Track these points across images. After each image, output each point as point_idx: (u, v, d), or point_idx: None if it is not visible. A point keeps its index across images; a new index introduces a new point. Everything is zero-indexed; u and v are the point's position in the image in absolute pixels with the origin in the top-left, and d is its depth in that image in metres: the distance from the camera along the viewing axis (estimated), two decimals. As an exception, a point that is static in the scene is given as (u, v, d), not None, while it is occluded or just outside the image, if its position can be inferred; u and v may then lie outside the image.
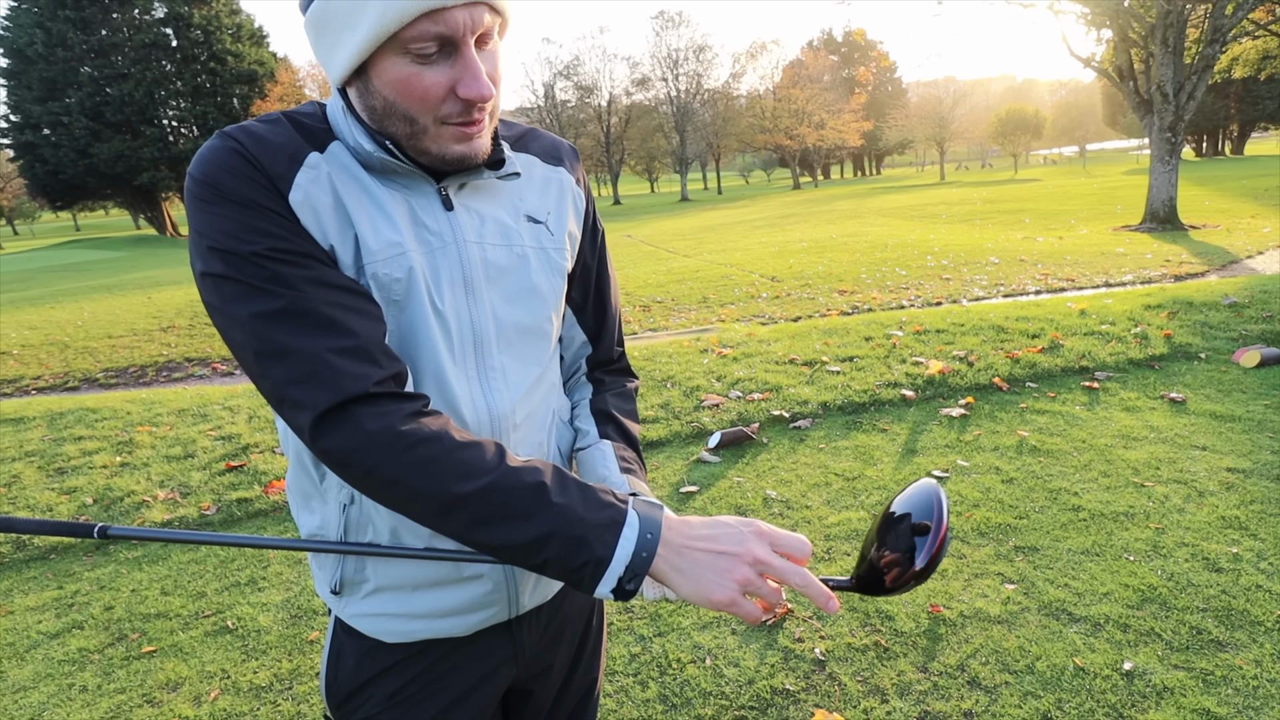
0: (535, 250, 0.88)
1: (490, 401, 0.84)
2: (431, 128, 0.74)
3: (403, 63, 0.71)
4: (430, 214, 0.81)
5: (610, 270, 1.04)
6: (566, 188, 0.95)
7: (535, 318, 0.88)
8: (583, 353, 1.04)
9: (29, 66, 37.79)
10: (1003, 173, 52.48)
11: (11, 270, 23.00)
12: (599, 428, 0.98)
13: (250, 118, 5.59)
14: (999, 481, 3.14)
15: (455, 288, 0.81)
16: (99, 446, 4.31)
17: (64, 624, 2.69)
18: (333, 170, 0.77)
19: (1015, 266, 9.03)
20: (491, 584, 0.88)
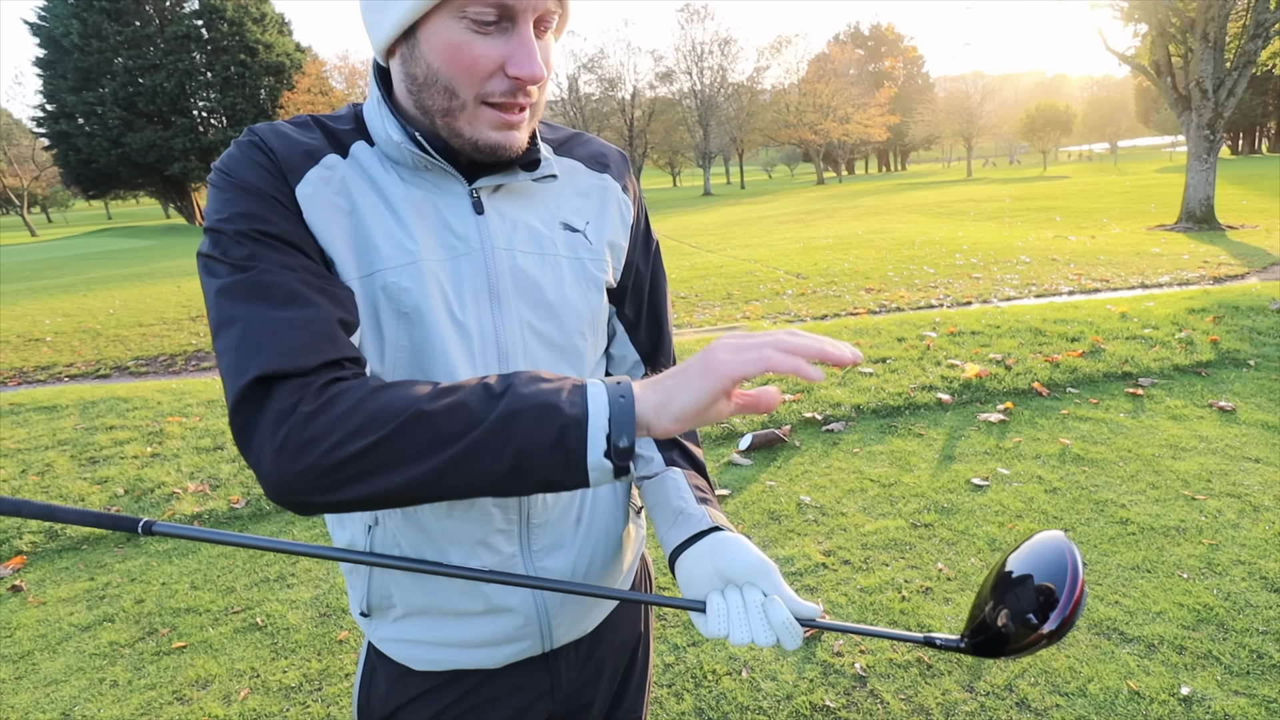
0: (570, 260, 0.82)
1: None
2: (470, 105, 0.69)
3: (457, 27, 0.66)
4: (458, 217, 0.76)
5: (664, 285, 0.97)
6: (611, 195, 0.88)
7: (566, 332, 0.81)
8: (636, 372, 0.96)
9: (64, 56, 38.40)
10: (1031, 169, 51.66)
11: (45, 258, 23.42)
12: (664, 454, 0.92)
13: (278, 108, 5.59)
14: (1042, 491, 3.04)
15: (479, 297, 0.76)
16: (130, 436, 4.34)
17: (95, 616, 2.69)
18: (350, 174, 0.74)
19: (1047, 266, 8.84)
20: (522, 618, 0.83)
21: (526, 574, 0.81)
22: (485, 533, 0.80)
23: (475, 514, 0.79)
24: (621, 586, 0.95)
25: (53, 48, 38.78)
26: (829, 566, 2.65)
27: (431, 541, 0.79)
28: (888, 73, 59.86)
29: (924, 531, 2.83)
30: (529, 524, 0.82)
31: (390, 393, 0.62)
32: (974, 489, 3.11)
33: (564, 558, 0.84)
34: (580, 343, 0.83)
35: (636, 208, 0.92)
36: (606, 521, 0.89)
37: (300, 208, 0.70)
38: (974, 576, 2.51)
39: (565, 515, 0.84)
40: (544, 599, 0.84)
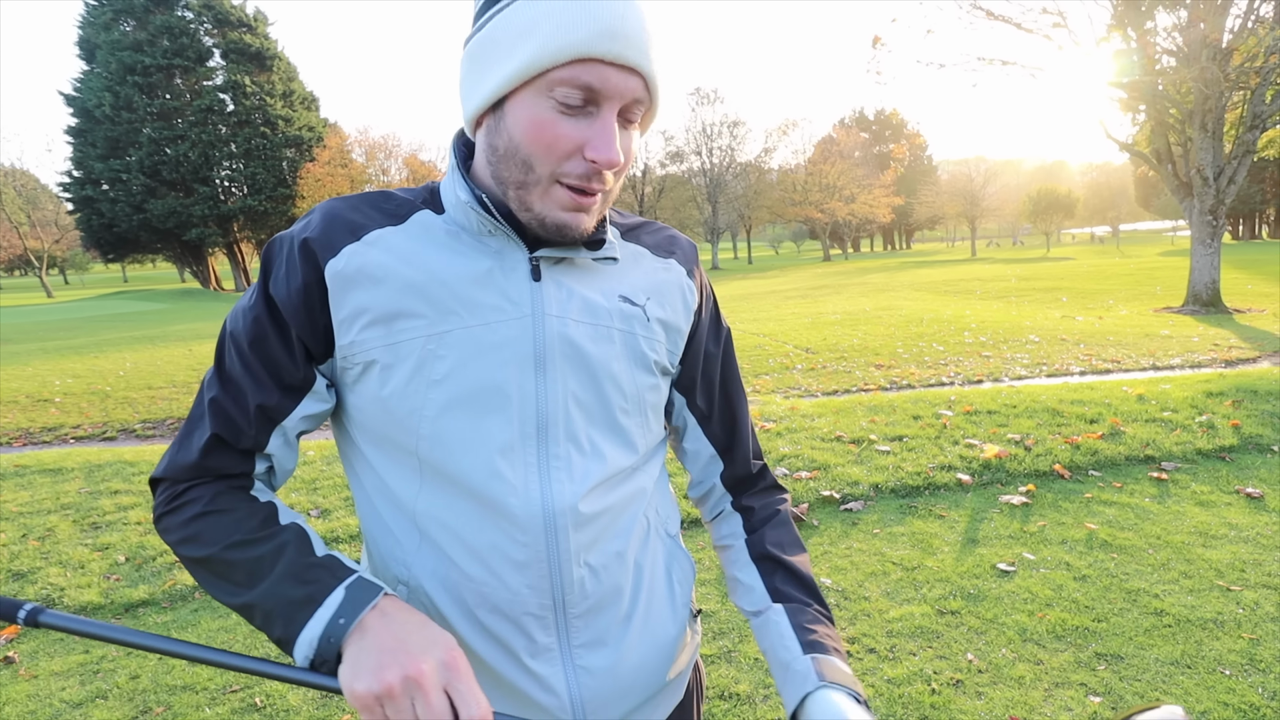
0: (623, 333, 0.80)
1: (547, 492, 0.75)
2: (545, 181, 0.70)
3: (542, 104, 0.68)
4: (514, 283, 0.76)
5: (737, 376, 0.95)
6: (675, 280, 0.87)
7: (607, 407, 0.79)
8: (713, 468, 0.95)
9: (95, 126, 39.89)
10: (1035, 250, 52.43)
11: (60, 319, 23.73)
12: (765, 581, 0.87)
13: (298, 179, 5.82)
14: (1071, 579, 2.94)
15: (524, 363, 0.75)
16: (134, 501, 4.27)
17: (88, 693, 2.58)
18: (401, 240, 0.75)
19: (1057, 345, 8.84)
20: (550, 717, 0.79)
21: (565, 669, 0.77)
22: (518, 615, 0.76)
23: (504, 595, 0.75)
24: (671, 699, 0.89)
25: (85, 118, 40.32)
26: (854, 655, 2.54)
27: (459, 616, 0.76)
28: (894, 155, 61.62)
29: (951, 619, 2.72)
30: (566, 614, 0.77)
31: (239, 521, 0.73)
32: (1000, 574, 3.01)
33: (608, 656, 0.80)
34: (624, 420, 0.81)
35: (701, 296, 0.90)
36: (658, 620, 0.85)
37: (325, 286, 0.73)
38: (1005, 669, 2.40)
39: (610, 609, 0.80)
40: (584, 703, 0.79)
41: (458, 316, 0.73)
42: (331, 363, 0.77)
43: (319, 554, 0.72)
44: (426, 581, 0.77)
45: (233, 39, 42.29)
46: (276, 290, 0.74)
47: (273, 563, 0.69)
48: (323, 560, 0.71)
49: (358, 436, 0.79)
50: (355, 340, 0.74)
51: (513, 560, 0.75)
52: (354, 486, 0.83)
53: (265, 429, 0.76)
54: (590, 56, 0.65)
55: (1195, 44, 11.12)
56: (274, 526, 0.73)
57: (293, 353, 0.75)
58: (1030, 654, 2.48)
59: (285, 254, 0.74)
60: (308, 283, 0.73)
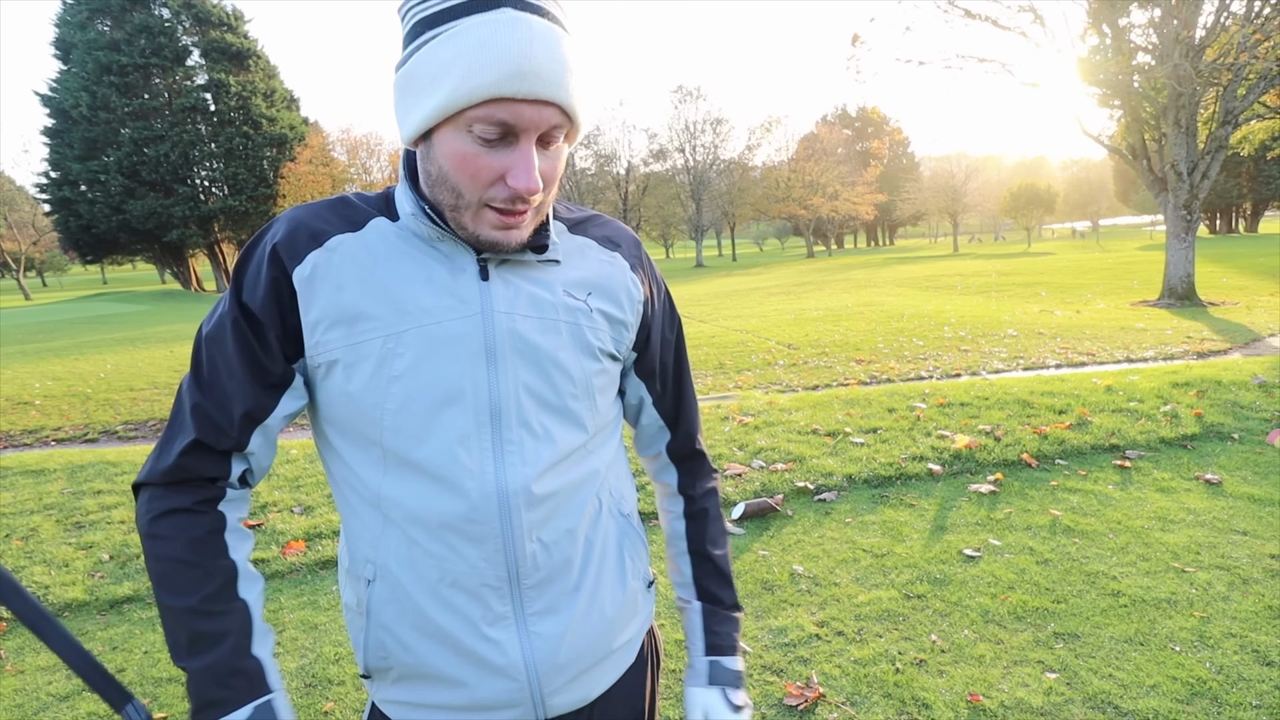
0: (568, 325, 0.87)
1: (501, 475, 0.81)
2: (474, 206, 0.77)
3: (463, 139, 0.73)
4: (463, 283, 0.82)
5: (686, 360, 1.05)
6: (619, 272, 0.93)
7: (559, 393, 0.86)
8: (661, 438, 1.07)
9: (72, 127, 39.40)
10: (1015, 245, 52.99)
11: (39, 321, 23.47)
12: (695, 575, 1.06)
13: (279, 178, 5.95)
14: (1034, 563, 3.05)
15: (477, 356, 0.81)
16: (118, 501, 4.30)
17: (74, 686, 2.62)
18: (358, 247, 0.81)
19: (1034, 339, 9.00)
20: (514, 684, 0.85)
21: (520, 635, 0.85)
22: (475, 585, 0.83)
23: (463, 567, 0.82)
24: (621, 662, 0.96)
25: (61, 118, 39.82)
26: (822, 638, 2.62)
27: (424, 588, 0.83)
28: (874, 152, 61.94)
29: (917, 603, 2.82)
30: (520, 584, 0.84)
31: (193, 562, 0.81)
32: (966, 560, 3.11)
33: (559, 622, 0.86)
34: (573, 404, 0.87)
35: (649, 288, 0.97)
36: (607, 592, 0.92)
37: (294, 290, 0.80)
38: (967, 649, 2.50)
39: (561, 579, 0.87)
40: (537, 665, 0.85)
41: (413, 316, 0.80)
42: (302, 361, 0.83)
43: (251, 654, 0.81)
44: (392, 560, 0.83)
45: (212, 38, 41.90)
46: (250, 297, 0.80)
47: (210, 647, 0.79)
48: (247, 668, 0.80)
49: (328, 430, 0.86)
50: (320, 340, 0.80)
51: (470, 537, 0.81)
52: (329, 477, 0.90)
53: (247, 429, 0.83)
54: (501, 97, 0.71)
55: (1169, 40, 11.32)
56: (225, 604, 0.81)
57: (270, 353, 0.81)
58: (991, 634, 2.58)
59: (255, 262, 0.81)
60: (278, 288, 0.79)
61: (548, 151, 0.77)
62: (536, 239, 0.84)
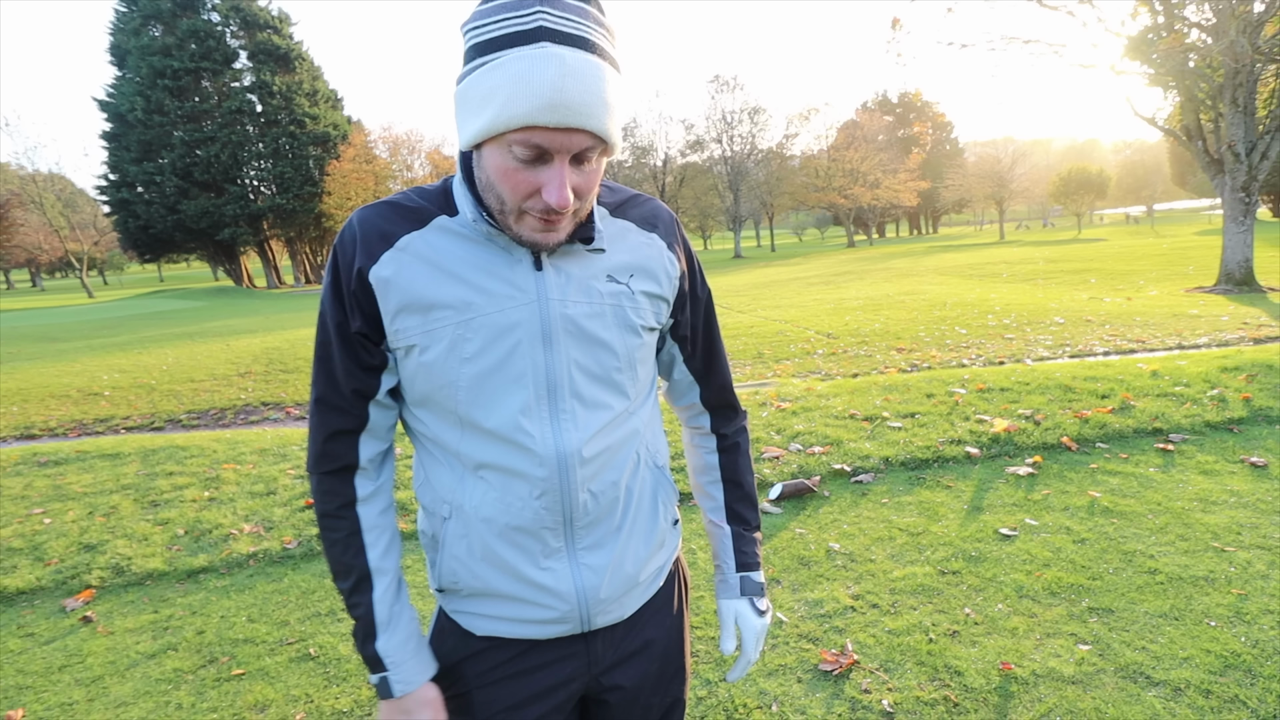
0: (613, 308, 0.99)
1: (559, 440, 0.96)
2: (515, 212, 0.88)
3: (505, 155, 0.84)
4: (520, 274, 0.94)
5: (715, 324, 1.17)
6: (657, 252, 1.04)
7: (605, 368, 0.99)
8: (692, 392, 1.20)
9: (129, 130, 40.88)
10: (1065, 232, 51.53)
11: (103, 318, 24.51)
12: (727, 501, 1.22)
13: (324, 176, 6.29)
14: (1070, 541, 3.09)
15: (534, 339, 0.94)
16: (188, 482, 4.58)
17: (160, 645, 2.85)
18: (425, 245, 0.94)
19: (1081, 327, 8.86)
20: (565, 605, 1.01)
21: (571, 565, 1.01)
22: (536, 527, 0.98)
23: (528, 513, 0.97)
24: (653, 586, 1.12)
25: (118, 122, 41.33)
26: (857, 609, 2.72)
27: (494, 527, 0.98)
28: (916, 138, 60.74)
29: (952, 578, 2.88)
30: (573, 526, 0.99)
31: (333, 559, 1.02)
32: (1002, 539, 3.16)
33: (603, 555, 1.02)
34: (617, 376, 1.00)
35: (683, 263, 1.08)
36: (642, 531, 1.07)
37: (370, 289, 0.93)
38: (1000, 621, 2.56)
39: (606, 522, 1.02)
40: (585, 590, 1.01)
41: (478, 305, 0.93)
42: (386, 345, 0.98)
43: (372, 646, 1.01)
44: (466, 503, 0.99)
45: (259, 40, 43.01)
46: (338, 296, 0.95)
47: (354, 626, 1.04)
48: (367, 655, 1.02)
49: (410, 401, 1.02)
50: (399, 329, 0.94)
51: (533, 490, 0.97)
52: (410, 434, 1.06)
53: (361, 404, 1.00)
54: (534, 126, 0.80)
55: (1225, 16, 10.95)
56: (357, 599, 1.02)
57: (363, 343, 0.96)
58: (1025, 609, 2.64)
59: (340, 266, 0.95)
60: (359, 288, 0.93)
61: (582, 168, 0.87)
62: (583, 231, 0.95)
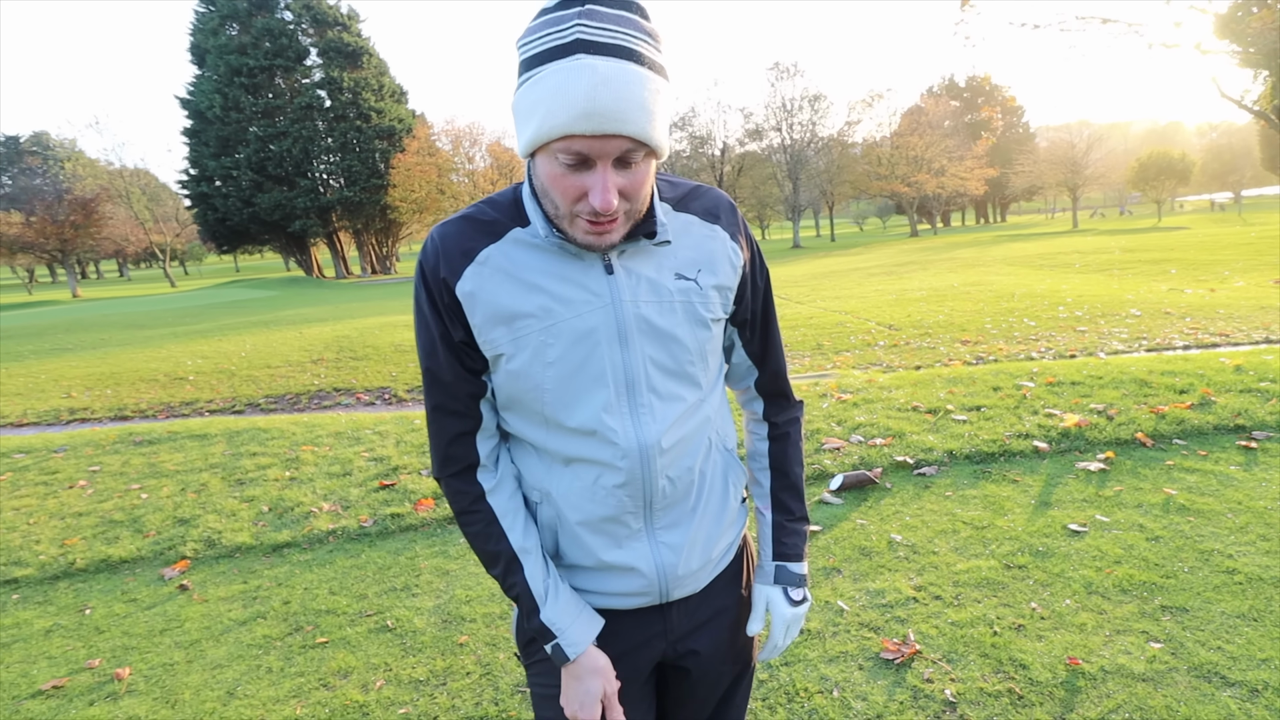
0: (682, 304, 1.03)
1: (639, 433, 1.02)
2: (568, 216, 0.92)
3: (553, 163, 0.89)
4: (593, 278, 0.99)
5: (773, 308, 1.21)
6: (721, 244, 1.08)
7: (678, 362, 1.04)
8: (750, 375, 1.23)
9: (207, 126, 42.76)
10: (1144, 220, 49.15)
11: (185, 306, 25.77)
12: (773, 489, 1.24)
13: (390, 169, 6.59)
14: (1143, 539, 3.01)
15: (611, 340, 0.99)
16: (271, 462, 4.83)
17: (250, 613, 3.05)
18: (503, 257, 0.99)
19: (1159, 319, 8.49)
20: (646, 579, 1.09)
21: (650, 544, 1.09)
22: (619, 513, 1.05)
23: (611, 502, 1.04)
24: (724, 561, 1.20)
25: (198, 119, 43.25)
26: (920, 600, 2.72)
27: (580, 514, 1.06)
28: (985, 123, 58.67)
29: (1017, 573, 2.86)
30: (652, 509, 1.06)
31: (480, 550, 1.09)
32: (1071, 534, 3.11)
33: (679, 535, 1.09)
34: (690, 369, 1.06)
35: (746, 252, 1.11)
36: (714, 511, 1.14)
37: (459, 304, 0.99)
38: (1068, 617, 2.53)
39: (682, 504, 1.09)
40: (664, 567, 1.08)
41: (557, 312, 0.98)
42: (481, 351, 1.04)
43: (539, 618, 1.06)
44: (556, 495, 1.07)
45: (329, 38, 44.35)
46: (432, 314, 1.01)
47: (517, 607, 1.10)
48: (535, 627, 1.07)
49: (499, 405, 1.09)
50: (488, 339, 1.00)
51: (616, 479, 1.03)
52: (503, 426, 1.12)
53: (474, 405, 1.06)
54: (572, 134, 0.85)
55: (1323, -9, 10.29)
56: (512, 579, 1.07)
57: (465, 351, 1.02)
58: (1094, 605, 2.60)
59: (429, 281, 1.01)
60: (449, 302, 1.00)
61: (627, 170, 0.90)
62: (646, 226, 0.99)
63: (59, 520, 4.23)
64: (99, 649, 2.90)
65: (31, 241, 40.75)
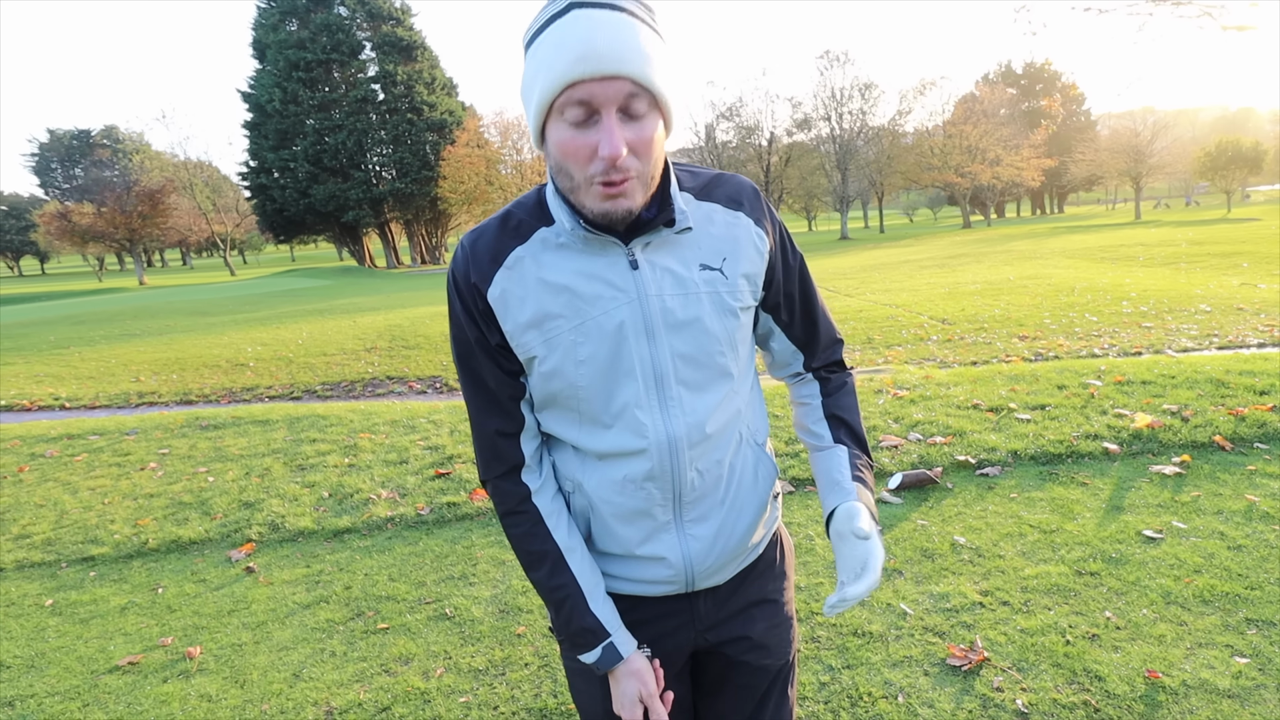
0: (709, 295, 1.02)
1: (669, 427, 1.02)
2: (583, 184, 0.91)
3: (562, 127, 0.89)
4: (618, 274, 0.99)
5: (812, 288, 1.17)
6: (745, 231, 1.06)
7: (708, 353, 1.03)
8: (796, 360, 1.21)
9: (267, 120, 43.95)
10: (1213, 211, 47.00)
11: (244, 294, 26.58)
12: (833, 433, 1.19)
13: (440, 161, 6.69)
14: (1224, 547, 2.87)
15: (639, 335, 0.99)
16: (330, 449, 4.95)
17: (313, 597, 3.13)
18: (532, 256, 1.00)
19: (1231, 316, 8.11)
20: (672, 569, 1.09)
21: (679, 536, 1.10)
22: (648, 506, 1.06)
23: (641, 495, 1.05)
24: (754, 553, 1.19)
25: (258, 112, 44.48)
26: (986, 606, 2.64)
27: (610, 506, 1.07)
28: (1045, 111, 56.71)
29: (1090, 579, 2.75)
30: (681, 502, 1.07)
31: (523, 551, 1.09)
32: (1146, 541, 2.98)
33: (708, 527, 1.09)
34: (720, 359, 1.05)
35: (772, 236, 1.10)
36: (743, 504, 1.13)
37: (491, 309, 1.00)
38: (1146, 628, 2.43)
39: (711, 497, 1.09)
40: (691, 557, 1.09)
41: (586, 310, 0.99)
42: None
43: (590, 612, 1.07)
44: (588, 487, 1.08)
45: (384, 32, 45.11)
46: (467, 322, 1.02)
47: (557, 608, 1.08)
48: (587, 624, 1.07)
49: (536, 403, 1.08)
50: (521, 342, 1.01)
51: (645, 472, 1.04)
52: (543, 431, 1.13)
53: (516, 408, 1.07)
54: (574, 80, 0.85)
55: None
56: (559, 578, 1.07)
57: (501, 354, 1.03)
58: (1174, 615, 2.49)
59: (461, 288, 1.02)
60: (482, 309, 1.01)
61: (634, 123, 0.89)
62: (665, 214, 0.99)
63: (132, 501, 4.40)
64: (171, 627, 3.01)
65: (102, 231, 42.46)
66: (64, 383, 9.16)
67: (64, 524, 4.14)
